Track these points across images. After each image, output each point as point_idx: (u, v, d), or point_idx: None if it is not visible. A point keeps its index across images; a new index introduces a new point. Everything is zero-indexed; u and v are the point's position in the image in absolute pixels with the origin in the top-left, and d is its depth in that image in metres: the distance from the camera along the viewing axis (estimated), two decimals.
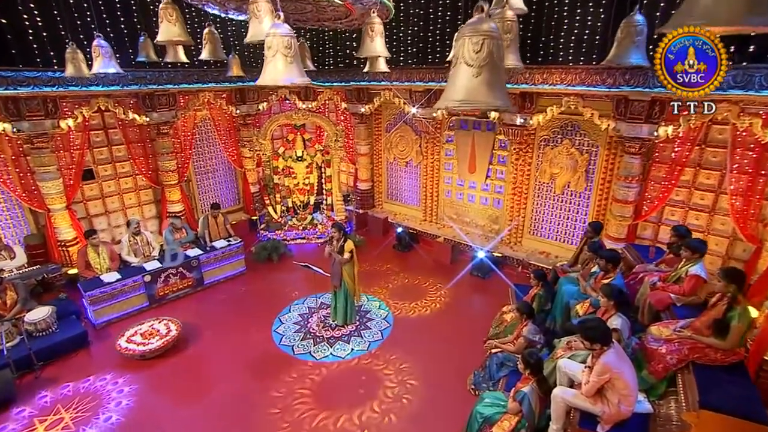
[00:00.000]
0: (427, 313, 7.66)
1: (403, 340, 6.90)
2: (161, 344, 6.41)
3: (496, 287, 8.36)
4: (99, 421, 5.33)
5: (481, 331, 6.81)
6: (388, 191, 11.80)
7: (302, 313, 7.64)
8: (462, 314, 7.63)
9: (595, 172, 8.08)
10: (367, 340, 6.88)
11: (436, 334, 7.07)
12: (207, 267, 8.36)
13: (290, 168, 10.56)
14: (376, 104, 10.40)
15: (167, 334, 6.61)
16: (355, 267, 7.01)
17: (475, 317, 7.47)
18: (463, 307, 7.89)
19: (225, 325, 7.29)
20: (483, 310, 7.57)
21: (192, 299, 8.09)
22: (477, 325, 7.06)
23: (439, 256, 9.55)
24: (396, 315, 7.57)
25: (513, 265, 9.04)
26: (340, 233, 6.86)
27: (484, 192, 9.76)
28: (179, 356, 6.54)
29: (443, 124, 9.97)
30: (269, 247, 9.53)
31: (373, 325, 7.26)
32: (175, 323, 6.85)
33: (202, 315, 7.55)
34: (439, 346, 6.76)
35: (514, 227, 9.29)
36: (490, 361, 5.84)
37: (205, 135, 10.64)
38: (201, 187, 10.73)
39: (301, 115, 10.28)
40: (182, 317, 7.16)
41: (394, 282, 8.65)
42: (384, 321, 7.39)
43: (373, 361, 6.44)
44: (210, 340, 6.93)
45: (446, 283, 8.55)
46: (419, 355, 6.54)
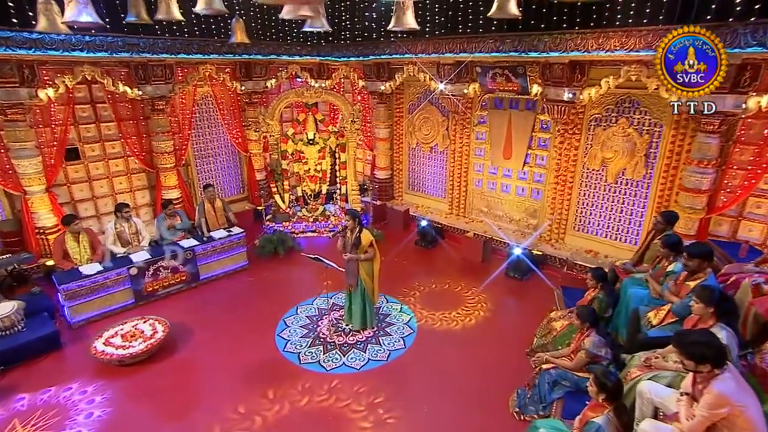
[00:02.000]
0: (458, 319, 6.77)
1: (430, 349, 6.07)
2: (144, 348, 5.62)
3: (536, 290, 7.50)
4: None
5: (523, 342, 6.00)
6: (409, 181, 11.01)
7: (311, 315, 6.83)
8: (498, 320, 6.77)
9: (657, 156, 7.10)
10: (386, 349, 6.04)
11: (468, 342, 6.21)
12: (203, 260, 7.61)
13: (300, 152, 9.78)
14: (398, 81, 9.61)
15: (152, 336, 5.82)
16: (375, 263, 6.16)
17: (514, 324, 6.62)
18: (499, 312, 7.02)
19: (221, 327, 6.52)
20: (523, 317, 6.74)
21: (185, 297, 7.35)
22: (517, 334, 6.23)
23: (469, 253, 8.67)
24: (420, 319, 6.71)
25: (555, 265, 8.12)
26: (355, 222, 6.01)
27: (521, 181, 8.88)
28: (165, 362, 5.75)
29: (474, 102, 9.08)
30: (275, 240, 8.76)
31: (394, 331, 6.42)
32: (163, 323, 6.07)
33: (195, 315, 6.80)
34: (473, 356, 5.91)
35: (555, 222, 8.39)
36: (541, 380, 4.93)
37: (206, 114, 9.93)
38: (201, 173, 10.01)
39: (314, 92, 9.48)
40: (172, 317, 6.39)
41: (419, 283, 7.81)
42: (406, 326, 6.54)
43: (394, 373, 5.60)
44: (202, 344, 6.15)
45: (478, 285, 7.69)
46: (450, 368, 5.69)
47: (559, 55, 6.93)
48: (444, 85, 8.74)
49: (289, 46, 9.78)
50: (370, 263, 6.11)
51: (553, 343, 5.61)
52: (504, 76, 7.87)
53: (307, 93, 9.45)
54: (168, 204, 7.76)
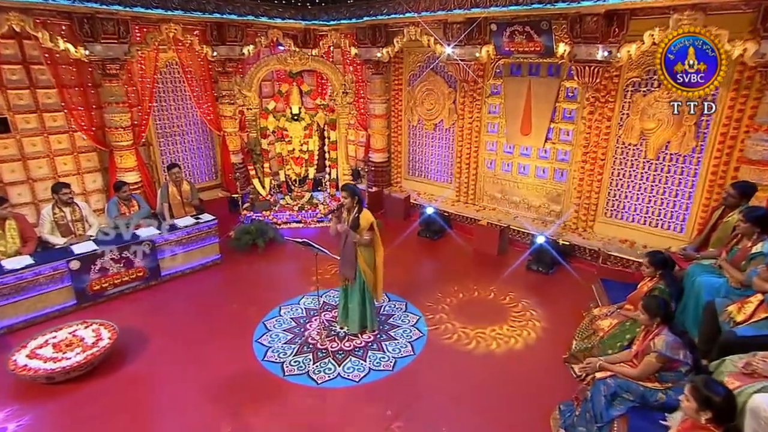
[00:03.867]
0: (477, 321, 5.94)
1: (445, 357, 5.24)
2: (83, 360, 4.67)
3: (565, 285, 6.77)
4: None
5: (557, 346, 5.26)
6: (409, 164, 10.23)
7: (297, 317, 5.96)
8: (525, 321, 5.96)
9: (710, 124, 6.33)
10: (392, 356, 5.19)
11: (491, 345, 5.39)
12: (165, 252, 6.71)
13: (283, 130, 8.94)
14: (396, 47, 8.79)
15: (95, 345, 4.87)
16: (378, 252, 5.35)
17: (544, 325, 5.82)
18: (524, 311, 6.23)
19: (185, 332, 5.62)
20: (554, 316, 5.97)
21: (141, 297, 6.43)
22: (549, 337, 5.52)
23: (482, 244, 7.88)
24: (431, 320, 5.85)
25: (585, 257, 7.38)
26: (353, 200, 5.16)
27: (542, 161, 8.13)
28: (111, 377, 4.82)
29: (487, 69, 8.31)
30: (254, 231, 7.88)
31: (400, 335, 5.58)
32: (110, 329, 5.12)
33: (153, 318, 5.89)
34: (497, 363, 5.12)
35: (583, 207, 7.64)
36: (594, 392, 4.07)
37: (171, 84, 9.01)
38: (165, 154, 9.05)
39: (299, 59, 8.60)
40: (124, 321, 5.48)
41: (426, 279, 7.06)
42: (414, 329, 5.71)
43: (403, 386, 4.77)
44: (161, 353, 5.23)
45: (496, 281, 6.91)
46: (471, 379, 4.86)
47: (593, 4, 6.16)
48: (452, 48, 7.95)
49: (270, 7, 8.93)
50: (370, 251, 5.29)
51: (600, 346, 4.81)
52: (524, 35, 7.11)
53: (291, 59, 8.59)
54: (122, 186, 6.82)
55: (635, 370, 3.97)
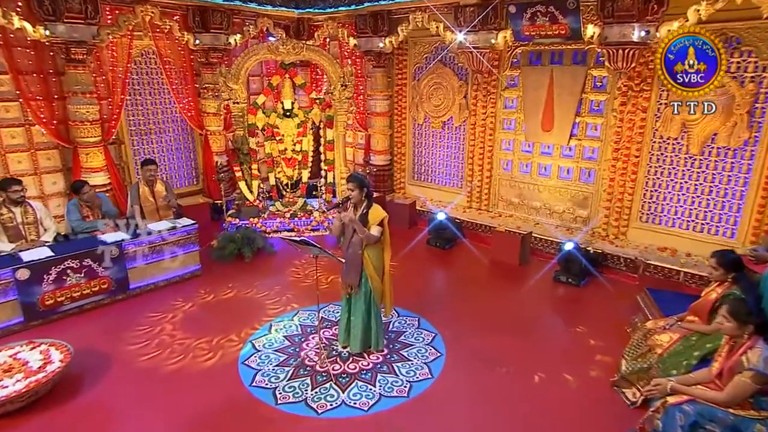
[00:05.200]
0: (503, 337, 5.30)
1: (468, 378, 4.61)
2: (23, 388, 3.94)
3: (601, 297, 6.25)
4: None
5: (603, 367, 4.71)
6: (413, 167, 9.78)
7: (291, 335, 5.30)
8: (558, 339, 5.40)
9: (766, 113, 5.82)
10: (406, 380, 4.53)
11: (523, 368, 4.74)
12: (136, 261, 6.05)
13: (274, 127, 8.39)
14: (401, 36, 8.38)
15: (41, 369, 4.15)
16: (386, 252, 4.74)
17: (583, 343, 5.21)
18: (557, 328, 5.70)
19: (157, 354, 4.92)
20: (592, 332, 5.38)
21: (106, 313, 5.73)
22: (589, 356, 4.95)
23: (501, 253, 7.32)
24: (449, 337, 5.24)
25: (619, 267, 6.84)
26: (360, 192, 4.55)
27: (566, 160, 7.64)
28: (60, 410, 4.09)
29: (503, 59, 7.84)
30: (239, 239, 7.25)
31: (414, 355, 4.93)
32: (63, 350, 4.42)
33: (118, 338, 5.18)
34: (532, 387, 4.49)
35: (614, 211, 7.13)
36: (668, 422, 3.43)
37: (147, 76, 8.43)
38: (139, 154, 8.41)
39: (291, 48, 8.08)
40: (82, 341, 4.81)
41: (442, 292, 6.57)
42: (430, 348, 5.07)
43: (422, 416, 4.11)
44: (125, 379, 4.53)
45: (519, 293, 6.38)
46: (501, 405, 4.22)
47: None
48: (464, 35, 7.50)
49: None
50: (379, 252, 4.69)
51: (660, 365, 4.21)
52: (547, 16, 6.66)
53: (283, 48, 8.06)
54: (81, 186, 6.20)
55: (722, 393, 3.34)
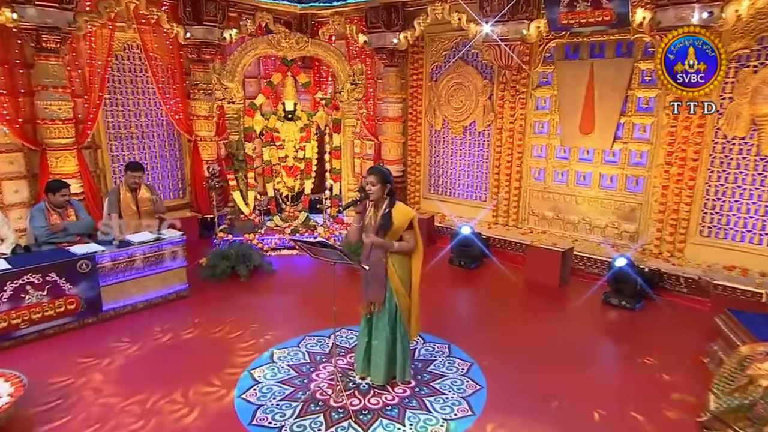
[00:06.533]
0: (554, 369, 4.81)
1: (518, 415, 4.06)
2: None
3: (662, 322, 5.82)
4: None
5: (684, 405, 4.26)
6: (430, 179, 9.55)
7: (297, 364, 4.77)
8: (616, 370, 4.98)
9: None
10: (441, 417, 4.00)
11: (575, 403, 4.22)
12: (111, 278, 5.55)
13: (274, 132, 8.07)
14: (417, 30, 8.25)
15: None
16: (415, 260, 4.24)
17: (653, 376, 4.69)
18: (614, 357, 5.26)
19: (135, 387, 4.37)
20: (662, 363, 4.88)
21: (73, 339, 5.19)
22: (665, 391, 4.46)
23: (537, 273, 6.91)
24: (489, 367, 4.73)
25: (679, 288, 6.38)
26: (383, 188, 4.10)
27: (609, 167, 7.33)
28: None
29: (534, 54, 7.64)
30: (233, 256, 6.80)
31: (448, 387, 4.42)
32: (14, 382, 3.86)
33: (87, 369, 4.64)
34: (597, 428, 3.96)
35: (669, 224, 6.76)
36: None
37: (130, 73, 8.14)
38: (118, 161, 8.04)
39: (295, 42, 7.81)
40: (40, 372, 4.37)
41: (477, 320, 6.10)
42: (467, 380, 4.55)
43: None
44: (94, 418, 3.94)
45: (563, 317, 6.00)
46: None
47: None
48: (491, 26, 7.26)
49: None
50: (407, 262, 4.20)
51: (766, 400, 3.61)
52: (589, 0, 6.42)
53: (285, 42, 7.78)
54: (61, 187, 5.72)
55: None
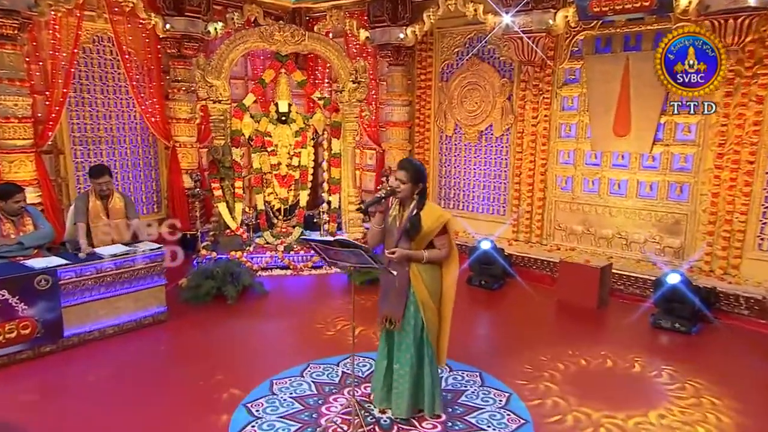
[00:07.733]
0: (598, 390, 4.44)
1: None
2: None
3: (724, 347, 5.60)
4: None
5: None
6: (440, 191, 9.37)
7: (301, 396, 4.32)
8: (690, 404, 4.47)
9: None
10: None
11: None
12: (75, 297, 5.10)
13: (265, 136, 7.78)
14: (427, 24, 8.13)
15: None
16: (449, 269, 3.88)
17: (727, 412, 4.31)
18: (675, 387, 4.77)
19: (101, 426, 3.92)
20: (733, 398, 4.52)
21: (27, 372, 4.75)
22: None
23: (572, 293, 6.61)
24: (529, 396, 4.40)
25: (738, 309, 6.06)
26: (414, 187, 3.67)
27: (649, 173, 7.09)
28: None
29: (559, 48, 7.46)
30: (219, 275, 6.37)
31: (486, 422, 4.03)
32: None
33: (44, 408, 4.22)
34: None
35: (721, 237, 6.47)
36: None
37: (100, 68, 7.86)
38: (83, 168, 7.67)
39: (290, 35, 7.59)
40: None
41: (501, 341, 5.85)
42: (507, 413, 4.16)
43: None
44: None
45: (607, 342, 5.64)
46: None
47: None
48: (512, 16, 7.08)
49: None
50: (437, 271, 3.84)
51: None
52: None
53: (279, 36, 7.53)
54: (13, 191, 5.32)
55: None
